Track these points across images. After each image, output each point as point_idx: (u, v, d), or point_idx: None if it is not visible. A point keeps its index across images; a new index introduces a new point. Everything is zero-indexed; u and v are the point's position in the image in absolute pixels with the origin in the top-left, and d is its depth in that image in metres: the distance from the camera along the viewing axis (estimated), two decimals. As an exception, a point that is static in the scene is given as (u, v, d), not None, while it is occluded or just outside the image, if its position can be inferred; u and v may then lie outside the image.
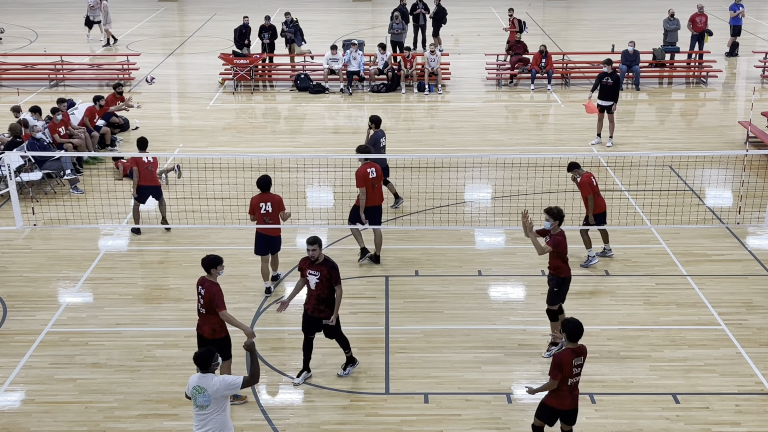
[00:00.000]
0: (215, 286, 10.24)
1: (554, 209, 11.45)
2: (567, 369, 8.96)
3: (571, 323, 9.04)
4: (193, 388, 8.38)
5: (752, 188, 16.93)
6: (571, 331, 9.00)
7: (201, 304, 10.30)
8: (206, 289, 10.19)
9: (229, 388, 8.36)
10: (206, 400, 8.32)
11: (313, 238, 10.70)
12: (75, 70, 26.53)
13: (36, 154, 16.74)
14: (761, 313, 12.74)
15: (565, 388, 9.09)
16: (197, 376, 8.41)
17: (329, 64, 25.06)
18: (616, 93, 19.52)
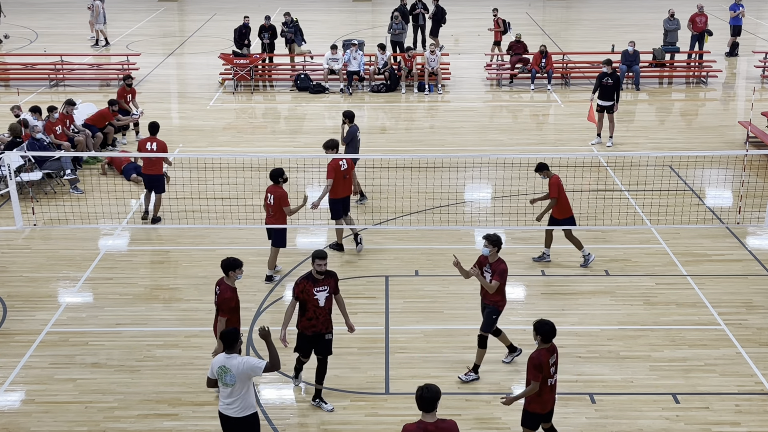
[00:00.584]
0: (228, 291, 10.21)
1: (493, 236, 10.77)
2: (546, 369, 8.94)
3: (546, 325, 8.97)
4: (219, 368, 8.72)
5: (752, 188, 16.93)
6: (546, 333, 8.95)
7: (215, 303, 10.35)
8: (220, 292, 10.23)
9: (251, 370, 8.69)
10: (232, 379, 8.69)
11: (325, 252, 10.21)
12: (75, 70, 26.52)
13: (36, 154, 16.74)
14: (761, 313, 12.74)
15: (546, 390, 9.06)
16: (222, 356, 8.75)
17: (329, 64, 25.06)
18: (617, 93, 19.52)
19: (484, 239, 10.78)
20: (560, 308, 12.84)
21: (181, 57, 29.74)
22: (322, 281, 10.22)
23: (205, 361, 11.59)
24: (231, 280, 10.27)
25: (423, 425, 7.64)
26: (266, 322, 12.60)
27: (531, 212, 15.87)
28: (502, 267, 10.75)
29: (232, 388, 8.73)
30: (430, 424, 7.65)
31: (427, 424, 7.65)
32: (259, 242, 14.94)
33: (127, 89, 20.83)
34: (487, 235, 10.81)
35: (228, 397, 8.80)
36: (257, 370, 8.69)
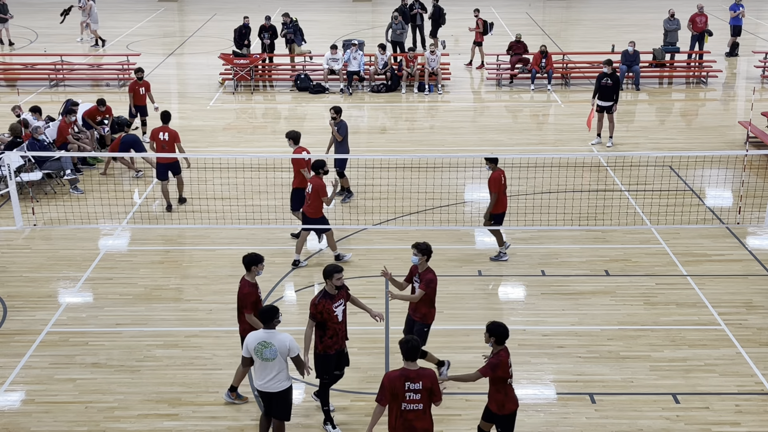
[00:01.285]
0: (248, 286, 10.26)
1: (422, 244, 10.45)
2: (504, 370, 8.84)
3: (500, 327, 8.86)
4: (259, 344, 9.07)
5: (752, 188, 16.94)
6: (501, 335, 8.85)
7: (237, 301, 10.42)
8: (240, 288, 10.30)
9: (291, 347, 9.10)
10: (273, 353, 9.07)
11: (341, 266, 10.00)
12: (75, 70, 26.53)
13: (36, 154, 16.74)
14: (761, 313, 12.74)
15: (510, 389, 9.01)
16: (261, 332, 9.14)
17: (329, 64, 25.06)
18: (616, 93, 19.52)
19: (413, 247, 10.45)
20: (560, 308, 12.84)
21: (181, 57, 29.75)
22: (337, 296, 9.99)
23: (205, 361, 11.60)
24: (252, 275, 10.30)
25: (405, 372, 8.41)
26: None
27: (531, 212, 15.89)
28: (430, 276, 10.42)
29: (272, 362, 9.07)
30: (412, 371, 8.41)
31: (409, 371, 8.41)
32: (259, 242, 14.94)
33: (138, 82, 20.64)
34: (416, 243, 10.48)
35: (267, 373, 9.15)
36: (294, 350, 9.13)
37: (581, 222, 15.55)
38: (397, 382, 8.38)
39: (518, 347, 11.85)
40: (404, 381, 8.37)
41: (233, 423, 10.35)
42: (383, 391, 8.52)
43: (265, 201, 16.50)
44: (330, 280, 9.89)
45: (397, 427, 8.59)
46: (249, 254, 10.44)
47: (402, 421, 8.53)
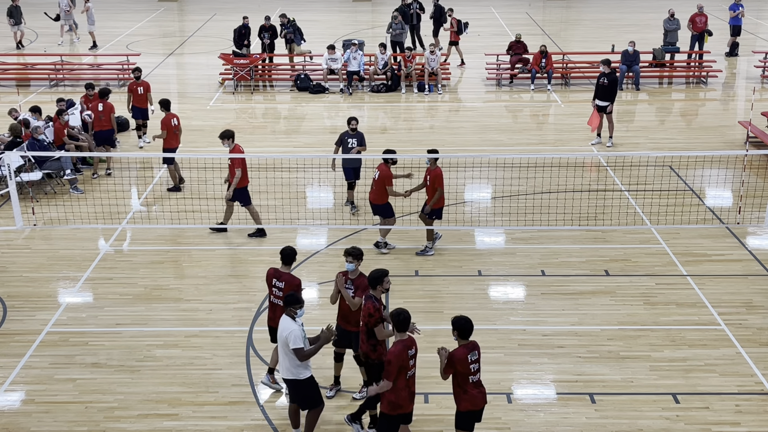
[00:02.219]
0: (296, 279, 10.38)
1: (355, 249, 10.26)
2: (462, 365, 8.88)
3: (461, 320, 8.92)
4: None
5: (752, 188, 16.94)
6: (462, 329, 8.91)
7: (277, 296, 10.34)
8: (286, 282, 10.27)
9: (290, 341, 9.20)
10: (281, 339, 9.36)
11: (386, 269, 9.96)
12: (75, 70, 26.53)
13: (36, 154, 16.74)
14: (761, 313, 12.74)
15: (470, 387, 9.00)
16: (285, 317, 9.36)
17: (329, 64, 25.06)
18: (613, 93, 19.51)
19: (346, 254, 10.23)
20: (560, 308, 12.84)
21: (181, 57, 29.75)
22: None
23: (205, 361, 11.60)
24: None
25: (403, 342, 8.96)
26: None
27: (531, 212, 15.90)
28: (364, 281, 10.10)
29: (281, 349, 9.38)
30: (407, 339, 9.02)
31: (404, 340, 8.98)
32: (259, 242, 14.95)
33: (137, 82, 20.57)
34: (349, 249, 10.27)
35: (282, 359, 9.43)
36: (291, 343, 9.19)
37: (581, 222, 15.55)
38: (403, 354, 8.87)
39: (518, 347, 11.86)
40: (406, 350, 8.93)
41: (233, 423, 10.35)
42: (391, 368, 8.83)
43: (265, 201, 16.49)
44: (381, 284, 9.70)
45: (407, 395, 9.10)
46: (288, 248, 10.47)
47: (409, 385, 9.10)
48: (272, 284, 10.41)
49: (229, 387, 11.05)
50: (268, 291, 10.56)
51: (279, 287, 10.33)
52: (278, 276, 10.38)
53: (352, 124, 16.24)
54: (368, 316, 9.71)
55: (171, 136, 17.12)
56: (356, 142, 16.15)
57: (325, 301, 13.18)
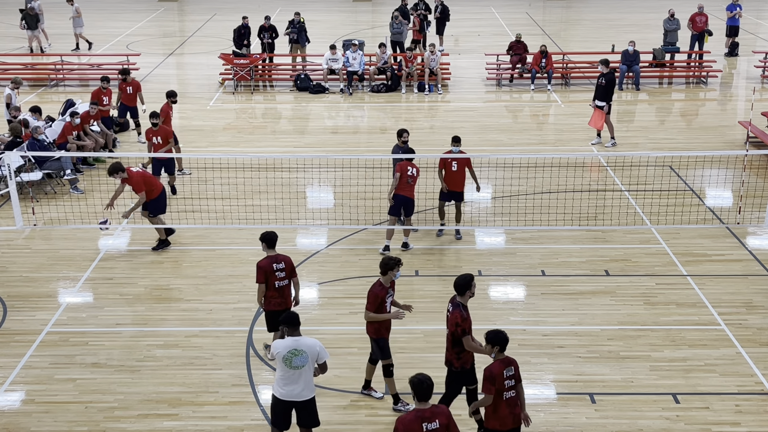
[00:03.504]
0: (290, 257, 10.94)
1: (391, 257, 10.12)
2: (499, 382, 8.53)
3: (499, 334, 8.60)
4: (289, 352, 8.86)
5: (752, 188, 16.93)
6: (501, 342, 8.57)
7: (281, 278, 10.80)
8: (285, 262, 10.82)
9: (321, 353, 8.98)
10: (304, 360, 8.91)
11: None
12: (75, 70, 26.53)
13: (36, 154, 16.74)
14: (761, 313, 12.74)
15: (502, 405, 8.66)
16: (290, 340, 8.91)
17: (329, 64, 25.07)
18: (609, 94, 19.52)
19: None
20: (560, 308, 12.84)
21: (181, 57, 29.75)
22: None
23: (205, 361, 11.60)
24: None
25: (419, 413, 7.85)
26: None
27: (531, 212, 15.89)
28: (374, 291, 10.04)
29: (302, 369, 8.93)
30: (426, 410, 7.87)
31: (423, 410, 7.86)
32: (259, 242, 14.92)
33: (125, 82, 20.60)
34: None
35: (295, 381, 8.98)
36: (324, 356, 9.02)
37: (581, 222, 15.56)
38: (414, 426, 7.78)
39: (518, 347, 11.84)
40: (420, 422, 7.79)
41: (233, 423, 10.35)
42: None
43: (265, 201, 16.50)
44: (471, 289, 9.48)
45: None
46: (268, 233, 10.91)
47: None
48: (273, 270, 10.71)
49: (229, 387, 11.05)
50: (271, 280, 10.71)
51: (281, 268, 10.75)
52: (276, 260, 10.76)
53: (404, 136, 14.97)
54: (455, 325, 9.38)
55: (167, 123, 17.57)
56: None
57: (326, 301, 13.21)
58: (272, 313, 10.93)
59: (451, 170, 14.74)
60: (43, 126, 18.46)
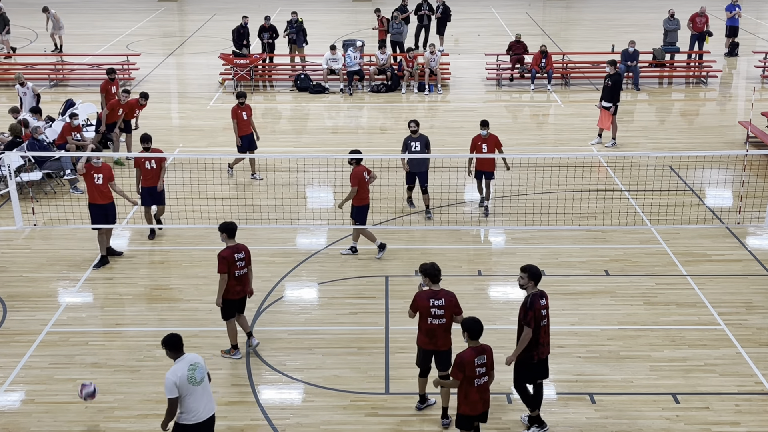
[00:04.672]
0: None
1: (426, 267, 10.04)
2: (469, 368, 8.90)
3: (470, 321, 9.02)
4: (188, 370, 8.64)
5: (752, 188, 16.93)
6: (472, 330, 8.97)
7: (242, 267, 11.27)
8: (245, 251, 11.29)
9: None
10: (202, 371, 8.74)
11: None
12: (75, 70, 26.53)
13: (36, 154, 16.74)
14: (761, 313, 12.74)
15: (472, 391, 9.01)
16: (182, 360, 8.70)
17: (329, 64, 25.07)
18: (616, 94, 19.52)
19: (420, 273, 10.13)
20: (560, 308, 12.83)
21: (181, 57, 29.75)
22: None
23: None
24: None
25: (431, 292, 9.78)
26: (266, 322, 12.60)
27: (531, 212, 15.89)
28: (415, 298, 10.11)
29: (205, 381, 8.77)
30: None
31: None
32: (259, 242, 14.95)
33: (110, 82, 20.49)
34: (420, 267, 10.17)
35: (201, 397, 8.74)
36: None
37: (581, 222, 15.55)
38: (425, 302, 9.68)
39: (518, 347, 11.84)
40: (428, 298, 9.71)
41: (233, 423, 10.35)
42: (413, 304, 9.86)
43: (265, 201, 16.50)
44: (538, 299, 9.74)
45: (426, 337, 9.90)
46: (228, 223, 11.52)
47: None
48: (235, 260, 11.15)
49: (229, 387, 11.05)
50: (232, 270, 11.11)
51: (241, 258, 11.24)
52: (237, 250, 11.23)
53: (412, 126, 15.91)
54: None
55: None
56: (420, 145, 15.76)
57: (326, 301, 13.21)
58: (231, 302, 11.32)
59: (482, 152, 15.70)
60: (43, 126, 18.46)
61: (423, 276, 9.96)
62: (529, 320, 9.58)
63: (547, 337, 9.83)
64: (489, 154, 15.76)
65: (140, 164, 14.88)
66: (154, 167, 14.85)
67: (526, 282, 9.67)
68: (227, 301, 11.29)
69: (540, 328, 9.64)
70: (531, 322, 9.56)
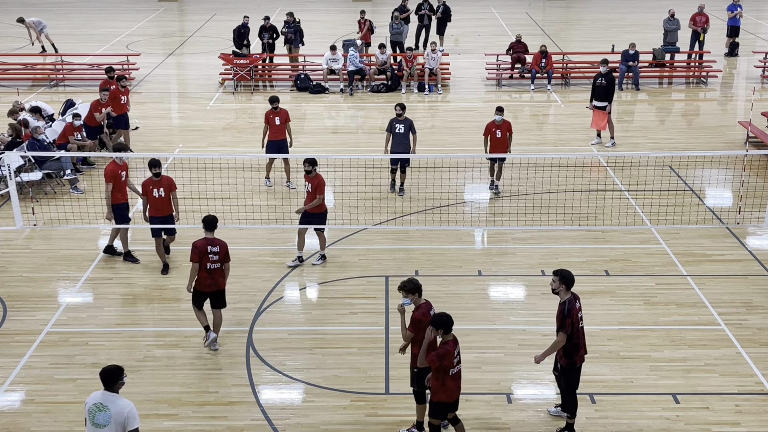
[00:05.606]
0: (225, 242, 11.65)
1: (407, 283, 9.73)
2: (449, 360, 9.05)
3: (443, 316, 9.08)
4: (94, 405, 7.99)
5: (752, 188, 16.93)
6: (446, 325, 9.02)
7: (214, 261, 11.46)
8: (220, 246, 11.55)
9: (129, 419, 7.96)
10: (107, 419, 7.93)
11: None
12: (75, 70, 26.53)
13: (36, 154, 16.74)
14: (761, 313, 12.74)
15: (448, 380, 9.19)
16: (100, 393, 8.09)
17: (329, 64, 25.07)
18: (610, 94, 19.49)
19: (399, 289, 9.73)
20: (560, 308, 12.83)
21: (181, 57, 29.75)
22: None
23: (205, 361, 11.60)
24: None
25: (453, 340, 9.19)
26: (266, 323, 12.61)
27: (531, 212, 15.90)
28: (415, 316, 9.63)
29: (103, 430, 7.92)
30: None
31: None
32: (259, 242, 14.95)
33: (109, 81, 20.43)
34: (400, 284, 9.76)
35: None
36: (133, 423, 7.97)
37: (581, 222, 15.55)
38: None
39: (518, 347, 11.85)
40: None
41: (233, 423, 10.36)
42: None
43: (265, 201, 16.50)
44: None
45: None
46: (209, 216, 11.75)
47: None
48: (208, 252, 11.39)
49: (229, 387, 11.05)
50: (203, 261, 11.39)
51: (215, 251, 11.43)
52: (212, 242, 11.48)
53: (397, 109, 16.90)
54: None
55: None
56: (404, 127, 16.74)
57: (326, 301, 13.21)
58: (201, 294, 11.62)
59: (496, 137, 16.63)
60: (43, 126, 18.46)
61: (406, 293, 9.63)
62: (567, 327, 9.46)
63: (584, 339, 9.75)
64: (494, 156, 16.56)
65: (147, 191, 13.66)
66: (163, 195, 13.62)
67: (557, 286, 9.56)
68: (197, 291, 11.61)
69: (577, 333, 9.54)
70: (569, 328, 9.44)
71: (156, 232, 13.97)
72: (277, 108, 17.09)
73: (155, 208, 13.75)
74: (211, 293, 11.65)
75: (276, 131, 17.08)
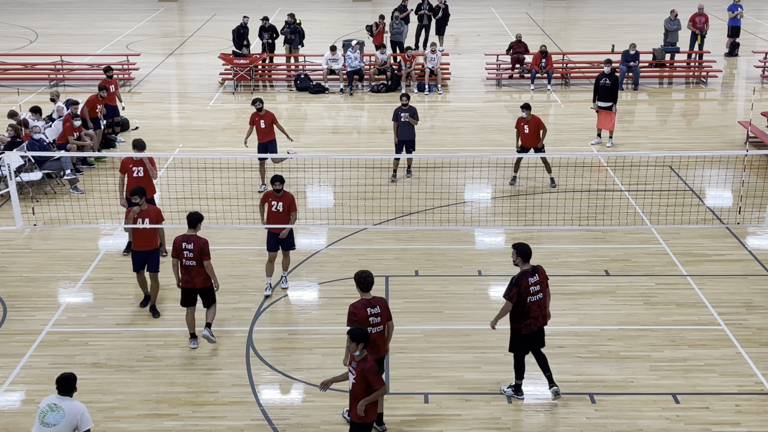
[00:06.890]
0: (203, 239, 11.56)
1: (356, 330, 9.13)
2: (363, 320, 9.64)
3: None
4: (47, 405, 8.18)
5: (752, 188, 16.93)
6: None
7: (189, 258, 11.43)
8: (194, 242, 11.43)
9: (82, 421, 8.26)
10: (58, 419, 8.14)
11: None
12: (75, 70, 26.53)
13: (36, 154, 16.74)
14: (761, 313, 12.74)
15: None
16: (54, 396, 8.40)
17: (329, 64, 25.07)
18: (615, 94, 19.48)
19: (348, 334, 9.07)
20: (560, 308, 12.82)
21: (181, 57, 29.75)
22: None
23: (205, 361, 11.60)
24: None
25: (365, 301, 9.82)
26: (266, 323, 12.61)
27: (531, 212, 15.90)
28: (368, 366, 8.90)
29: (51, 429, 8.09)
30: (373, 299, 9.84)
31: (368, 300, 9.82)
32: (259, 242, 14.94)
33: (108, 81, 20.50)
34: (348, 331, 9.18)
35: None
36: (86, 425, 8.25)
37: (581, 222, 15.55)
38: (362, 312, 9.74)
39: (518, 347, 11.85)
40: (365, 308, 9.77)
41: (233, 423, 10.36)
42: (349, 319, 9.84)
43: (265, 201, 16.48)
44: None
45: None
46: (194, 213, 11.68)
47: None
48: (182, 248, 11.38)
49: (229, 387, 11.05)
50: (180, 257, 11.44)
51: (189, 249, 11.37)
52: (186, 239, 11.44)
53: (403, 100, 17.66)
54: None
55: None
56: (408, 115, 17.50)
57: (326, 301, 13.21)
58: (182, 291, 11.72)
59: (524, 132, 17.07)
60: (43, 126, 18.45)
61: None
62: (512, 295, 10.13)
63: (539, 311, 10.31)
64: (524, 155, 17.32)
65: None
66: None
67: (515, 259, 10.29)
68: (181, 288, 11.73)
69: (526, 304, 10.14)
70: (514, 297, 10.10)
71: (136, 265, 12.79)
72: (262, 110, 16.87)
73: (139, 241, 12.63)
74: (189, 290, 11.66)
75: (263, 134, 16.91)
